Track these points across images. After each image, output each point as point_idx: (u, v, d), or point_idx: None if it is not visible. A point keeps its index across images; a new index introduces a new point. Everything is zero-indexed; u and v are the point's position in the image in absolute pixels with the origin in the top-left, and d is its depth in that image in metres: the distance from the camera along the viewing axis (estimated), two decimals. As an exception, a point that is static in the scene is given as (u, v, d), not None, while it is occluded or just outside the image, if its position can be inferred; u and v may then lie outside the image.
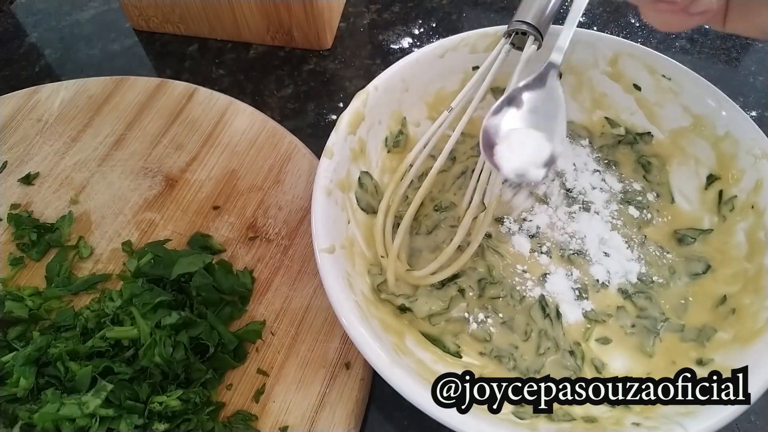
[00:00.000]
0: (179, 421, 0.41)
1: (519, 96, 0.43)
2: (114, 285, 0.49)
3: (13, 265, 0.50)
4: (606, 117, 0.55)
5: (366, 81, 0.51)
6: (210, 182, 0.55)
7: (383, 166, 0.52)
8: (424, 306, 0.45)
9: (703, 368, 0.42)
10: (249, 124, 0.58)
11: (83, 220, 0.53)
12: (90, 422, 0.39)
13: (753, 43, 0.68)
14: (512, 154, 0.40)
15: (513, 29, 0.49)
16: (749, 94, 0.64)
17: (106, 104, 0.60)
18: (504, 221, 0.50)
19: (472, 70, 0.53)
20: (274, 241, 0.52)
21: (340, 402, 0.44)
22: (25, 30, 0.72)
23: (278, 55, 0.68)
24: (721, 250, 0.48)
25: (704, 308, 0.46)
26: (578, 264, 0.48)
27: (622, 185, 0.52)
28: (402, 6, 0.72)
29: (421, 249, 0.49)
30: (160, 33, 0.70)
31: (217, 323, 0.45)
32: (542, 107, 0.43)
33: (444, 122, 0.49)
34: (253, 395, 0.44)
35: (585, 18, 0.71)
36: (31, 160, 0.56)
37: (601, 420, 0.40)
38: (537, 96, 0.43)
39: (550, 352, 0.44)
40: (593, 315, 0.46)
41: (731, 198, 0.48)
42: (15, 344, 0.44)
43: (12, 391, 0.41)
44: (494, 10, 0.72)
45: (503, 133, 0.41)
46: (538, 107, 0.43)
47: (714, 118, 0.49)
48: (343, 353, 0.46)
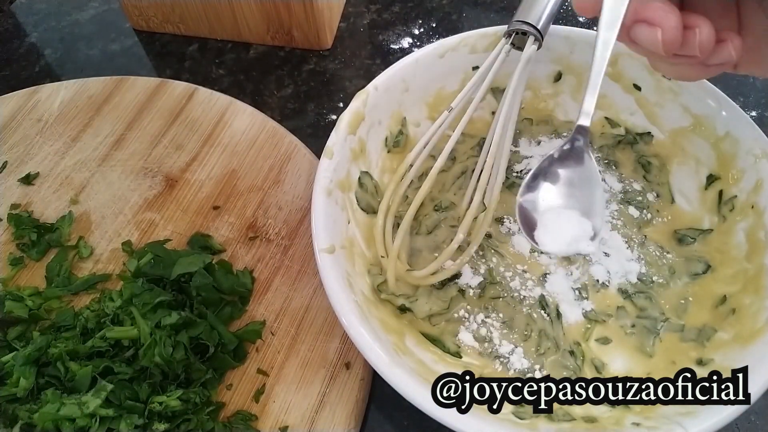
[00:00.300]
0: (179, 421, 0.41)
1: (552, 169, 0.39)
2: (114, 285, 0.49)
3: (13, 265, 0.50)
4: (606, 117, 0.55)
5: (366, 81, 0.51)
6: (210, 182, 0.55)
7: (383, 166, 0.52)
8: (425, 306, 0.45)
9: (703, 368, 0.42)
10: (249, 124, 0.58)
11: (83, 220, 0.53)
12: (90, 422, 0.39)
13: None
14: (556, 235, 0.38)
15: (513, 29, 0.49)
16: (749, 94, 0.64)
17: (106, 104, 0.60)
18: (504, 221, 0.50)
19: (472, 70, 0.53)
20: (274, 241, 0.52)
21: (340, 402, 0.44)
22: (25, 30, 0.72)
23: (278, 55, 0.68)
24: (721, 250, 0.48)
25: (704, 308, 0.46)
26: (578, 264, 0.48)
27: (622, 185, 0.52)
28: (402, 6, 0.72)
29: (421, 249, 0.49)
30: (160, 33, 0.70)
31: (217, 323, 0.45)
32: (578, 181, 0.39)
33: (444, 122, 0.49)
34: (253, 395, 0.44)
35: (585, 18, 0.71)
36: (31, 160, 0.56)
37: (601, 420, 0.40)
38: (571, 170, 0.39)
39: (550, 352, 0.44)
40: (593, 315, 0.46)
41: (731, 198, 0.48)
42: (15, 344, 0.44)
43: (12, 391, 0.41)
44: (494, 10, 0.72)
45: (541, 209, 0.39)
46: (574, 181, 0.39)
47: (714, 118, 0.49)
48: (343, 353, 0.46)
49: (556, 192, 0.39)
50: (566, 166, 0.39)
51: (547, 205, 0.39)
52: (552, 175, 0.39)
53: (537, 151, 0.53)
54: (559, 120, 0.56)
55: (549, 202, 0.39)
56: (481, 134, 0.54)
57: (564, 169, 0.39)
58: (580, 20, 0.71)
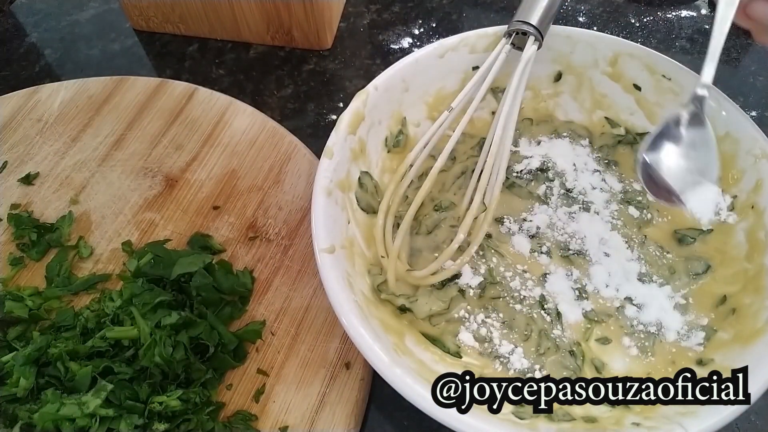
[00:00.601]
0: (179, 421, 0.41)
1: (675, 131, 0.43)
2: (114, 285, 0.49)
3: (13, 265, 0.50)
4: (606, 117, 0.55)
5: (366, 81, 0.51)
6: (210, 182, 0.55)
7: (383, 166, 0.52)
8: (425, 306, 0.45)
9: (703, 368, 0.42)
10: (249, 124, 0.58)
11: (83, 220, 0.53)
12: (90, 422, 0.39)
13: (753, 43, 0.68)
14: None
15: (513, 29, 0.49)
16: (749, 94, 0.64)
17: (106, 104, 0.60)
18: (504, 221, 0.50)
19: (472, 70, 0.53)
20: (274, 241, 0.52)
21: (340, 402, 0.44)
22: (25, 30, 0.72)
23: (278, 55, 0.68)
24: (721, 250, 0.48)
25: (704, 308, 0.46)
26: (578, 264, 0.48)
27: (622, 185, 0.52)
28: (402, 6, 0.72)
29: (422, 249, 0.49)
30: (160, 33, 0.70)
31: (217, 323, 0.45)
32: (700, 144, 0.43)
33: (444, 122, 0.49)
34: (253, 395, 0.44)
35: (585, 18, 0.71)
36: (31, 160, 0.56)
37: (601, 420, 0.40)
38: (694, 133, 0.43)
39: (550, 352, 0.44)
40: (593, 315, 0.46)
41: (731, 198, 0.48)
42: (15, 344, 0.44)
43: (12, 391, 0.41)
44: (494, 10, 0.72)
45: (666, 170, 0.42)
46: (696, 143, 0.43)
47: (714, 118, 0.49)
48: (343, 353, 0.46)
49: (678, 153, 0.43)
50: (688, 128, 0.43)
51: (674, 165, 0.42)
52: (675, 137, 0.43)
53: (537, 151, 0.53)
54: (559, 120, 0.56)
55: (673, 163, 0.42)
56: (481, 134, 0.54)
57: (687, 131, 0.43)
58: (580, 20, 0.71)
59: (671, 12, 0.71)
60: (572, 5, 0.72)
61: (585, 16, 0.71)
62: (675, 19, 0.71)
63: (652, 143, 0.43)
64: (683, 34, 0.69)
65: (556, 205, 0.50)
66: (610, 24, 0.70)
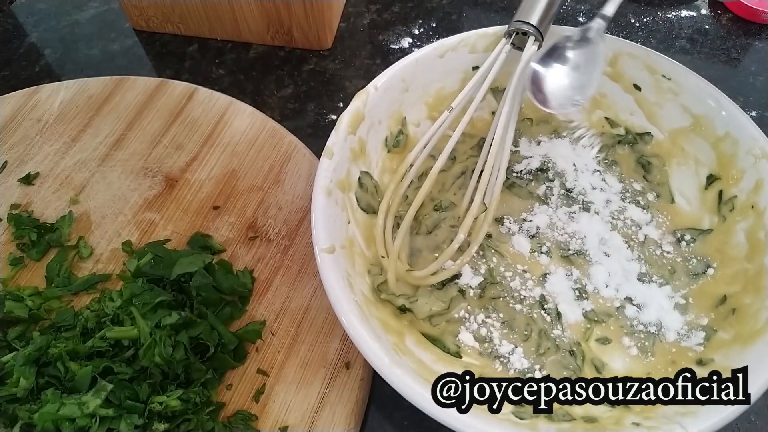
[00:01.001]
0: (179, 421, 0.41)
1: (563, 51, 0.47)
2: (114, 285, 0.49)
3: (13, 265, 0.50)
4: (606, 117, 0.55)
5: (366, 81, 0.51)
6: (210, 182, 0.55)
7: (383, 166, 0.52)
8: (425, 306, 0.45)
9: (703, 368, 0.42)
10: (249, 124, 0.58)
11: (83, 220, 0.53)
12: (90, 422, 0.39)
13: (753, 43, 0.68)
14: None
15: (513, 29, 0.49)
16: (749, 94, 0.64)
17: (106, 104, 0.60)
18: (504, 221, 0.50)
19: (472, 70, 0.53)
20: (274, 241, 0.52)
21: (340, 402, 0.44)
22: (25, 30, 0.72)
23: (278, 55, 0.68)
24: (721, 250, 0.48)
25: (704, 308, 0.46)
26: (578, 264, 0.48)
27: (622, 185, 0.52)
28: (402, 6, 0.72)
29: (422, 249, 0.49)
30: (160, 33, 0.70)
31: (217, 323, 0.45)
32: (583, 64, 0.47)
33: (444, 122, 0.49)
34: (253, 395, 0.44)
35: (585, 18, 0.71)
36: (31, 160, 0.56)
37: (601, 420, 0.40)
38: (580, 53, 0.47)
39: (550, 352, 0.44)
40: (593, 315, 0.46)
41: (731, 198, 0.48)
42: (15, 344, 0.44)
43: (12, 391, 0.41)
44: (494, 10, 0.72)
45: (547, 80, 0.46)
46: (580, 64, 0.47)
47: (714, 118, 0.49)
48: (343, 353, 0.46)
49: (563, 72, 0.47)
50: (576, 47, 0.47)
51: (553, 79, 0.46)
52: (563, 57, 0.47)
53: (537, 151, 0.53)
54: (559, 120, 0.56)
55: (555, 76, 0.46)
56: (481, 134, 0.54)
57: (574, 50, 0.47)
58: (580, 20, 0.71)
59: (671, 12, 0.71)
60: (572, 5, 0.72)
61: (585, 16, 0.71)
62: (675, 19, 0.71)
63: (543, 56, 0.47)
64: (683, 34, 0.69)
65: (556, 205, 0.50)
66: (610, 24, 0.70)
